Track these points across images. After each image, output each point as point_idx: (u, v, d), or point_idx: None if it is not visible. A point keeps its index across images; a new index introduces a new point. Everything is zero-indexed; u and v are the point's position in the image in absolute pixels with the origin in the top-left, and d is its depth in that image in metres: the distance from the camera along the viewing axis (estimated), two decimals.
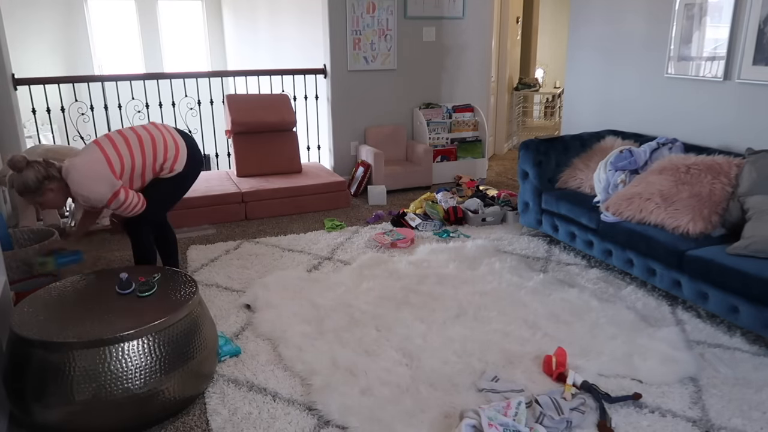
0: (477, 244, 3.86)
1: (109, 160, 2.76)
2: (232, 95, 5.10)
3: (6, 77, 4.42)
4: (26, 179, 2.64)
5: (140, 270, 2.57)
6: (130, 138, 2.87)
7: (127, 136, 2.87)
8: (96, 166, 2.73)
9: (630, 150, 3.61)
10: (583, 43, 4.69)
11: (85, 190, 2.71)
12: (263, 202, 4.64)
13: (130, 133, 2.90)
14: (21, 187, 2.66)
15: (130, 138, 2.87)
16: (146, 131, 2.94)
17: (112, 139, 2.83)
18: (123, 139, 2.85)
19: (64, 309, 2.22)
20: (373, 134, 5.61)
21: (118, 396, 2.00)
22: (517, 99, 7.71)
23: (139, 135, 2.90)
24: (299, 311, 2.99)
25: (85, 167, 2.71)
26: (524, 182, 4.08)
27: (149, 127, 2.99)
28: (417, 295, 3.17)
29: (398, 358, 2.56)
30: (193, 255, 3.85)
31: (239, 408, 2.27)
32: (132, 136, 2.88)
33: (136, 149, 2.85)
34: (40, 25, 7.92)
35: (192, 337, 2.23)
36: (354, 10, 5.27)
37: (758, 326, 2.57)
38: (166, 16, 9.67)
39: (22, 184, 2.65)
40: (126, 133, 2.89)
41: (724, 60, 3.52)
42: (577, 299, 3.11)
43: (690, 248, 2.91)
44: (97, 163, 2.73)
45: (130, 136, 2.88)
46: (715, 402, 2.27)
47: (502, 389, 2.32)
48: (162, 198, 3.06)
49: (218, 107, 7.31)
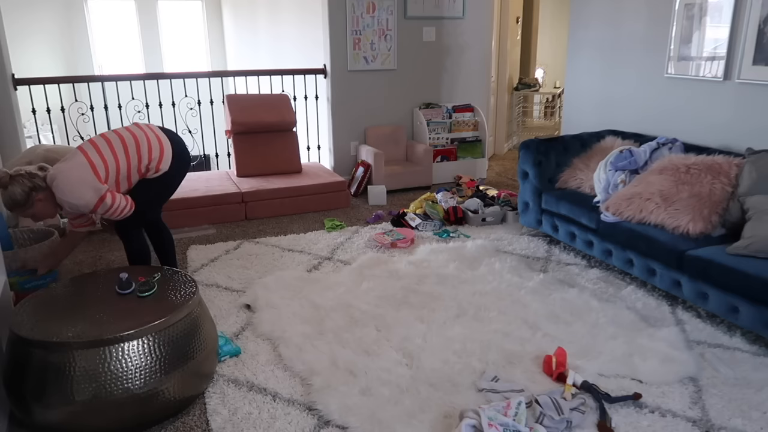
0: (477, 244, 3.86)
1: (92, 164, 2.71)
2: (232, 95, 5.10)
3: (6, 77, 4.42)
4: (13, 194, 2.60)
5: (140, 270, 2.57)
6: (113, 141, 2.82)
7: (110, 139, 2.83)
8: (80, 171, 2.68)
9: (630, 150, 3.61)
10: (583, 42, 4.69)
11: (70, 196, 2.66)
12: (263, 202, 4.64)
13: (113, 135, 2.85)
14: (9, 203, 2.61)
15: (113, 141, 2.82)
16: (129, 132, 2.89)
17: (95, 144, 2.79)
18: (106, 142, 2.81)
19: (64, 309, 2.22)
20: (373, 134, 5.61)
21: (118, 396, 2.00)
22: (517, 99, 7.71)
23: (121, 137, 2.86)
24: (299, 311, 2.99)
25: (69, 173, 2.67)
26: (524, 182, 4.08)
27: (132, 128, 2.94)
28: (417, 295, 3.17)
29: (398, 358, 2.56)
30: (193, 255, 3.85)
31: (239, 408, 2.27)
32: (115, 139, 2.83)
33: (119, 152, 2.81)
34: (40, 25, 7.92)
35: (192, 337, 2.23)
36: (354, 10, 5.27)
37: (758, 326, 2.57)
38: (166, 16, 9.67)
39: (9, 199, 2.61)
40: (109, 136, 2.85)
41: (724, 60, 3.52)
42: (577, 299, 3.11)
43: (690, 248, 2.91)
44: (80, 168, 2.69)
45: (113, 139, 2.83)
46: (715, 402, 2.27)
47: (502, 389, 2.32)
48: (150, 199, 3.03)
49: (218, 107, 7.32)
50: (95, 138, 2.84)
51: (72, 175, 2.66)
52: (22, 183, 2.61)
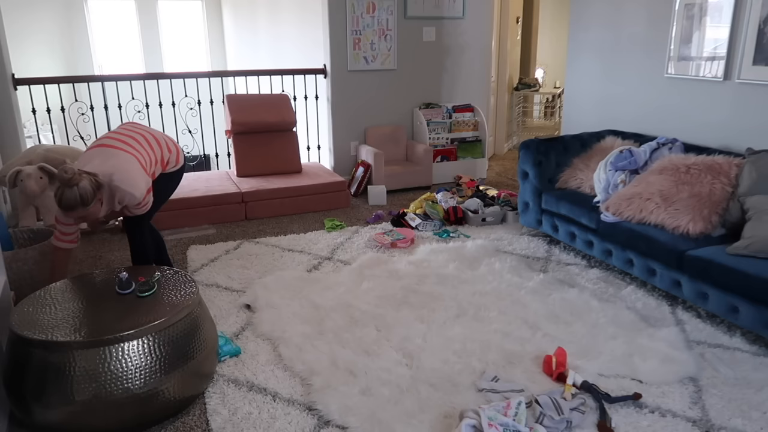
0: (477, 244, 3.86)
1: (137, 158, 2.74)
2: (232, 95, 5.10)
3: (6, 77, 4.42)
4: (84, 191, 2.46)
5: (140, 270, 2.57)
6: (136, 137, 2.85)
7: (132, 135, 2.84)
8: (132, 164, 2.68)
9: (630, 150, 3.61)
10: (584, 44, 4.69)
11: (133, 188, 2.63)
12: (263, 202, 4.64)
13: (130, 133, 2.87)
14: (74, 201, 2.45)
15: (135, 137, 2.85)
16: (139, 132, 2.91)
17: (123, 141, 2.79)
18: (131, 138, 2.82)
19: (64, 309, 2.22)
20: (373, 134, 5.61)
21: (118, 396, 2.00)
22: (517, 99, 7.71)
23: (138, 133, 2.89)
24: (299, 311, 2.99)
25: (125, 167, 2.65)
26: (524, 182, 4.08)
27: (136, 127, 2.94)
28: (417, 295, 3.17)
29: (398, 358, 2.56)
30: (193, 255, 3.85)
31: (239, 408, 2.27)
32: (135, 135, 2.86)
33: (146, 146, 2.85)
34: (40, 25, 7.92)
35: (192, 337, 2.23)
36: (354, 10, 5.27)
37: (758, 326, 2.57)
38: (166, 16, 9.67)
39: (76, 197, 2.45)
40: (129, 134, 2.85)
41: (724, 60, 3.52)
42: (577, 299, 3.11)
43: (690, 248, 2.91)
44: (130, 162, 2.69)
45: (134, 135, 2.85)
46: (715, 402, 2.27)
47: (502, 389, 2.32)
48: (164, 192, 3.07)
49: (218, 107, 7.32)
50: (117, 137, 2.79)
51: (129, 168, 2.66)
52: (91, 180, 2.50)
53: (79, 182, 2.45)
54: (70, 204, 2.46)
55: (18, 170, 3.75)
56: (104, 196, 2.63)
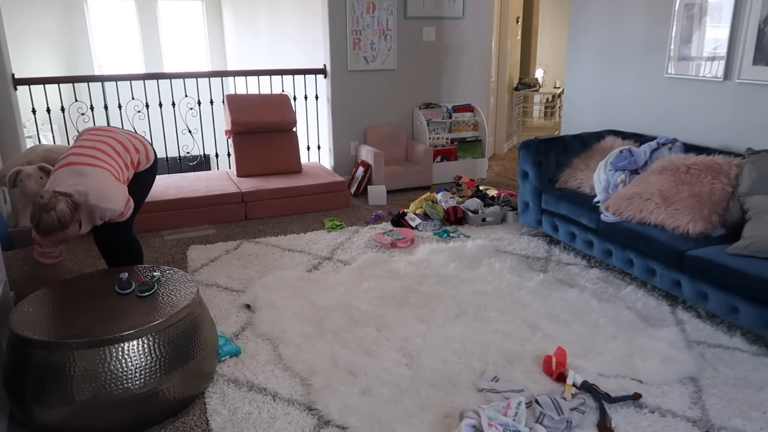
0: (477, 244, 3.86)
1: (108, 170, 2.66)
2: (232, 95, 5.10)
3: (6, 77, 4.42)
4: (62, 215, 2.39)
5: (140, 270, 2.57)
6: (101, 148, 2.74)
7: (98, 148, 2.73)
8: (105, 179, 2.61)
9: (630, 150, 3.61)
10: (584, 45, 4.69)
11: (110, 203, 2.58)
12: (263, 202, 4.64)
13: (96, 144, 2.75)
14: (52, 225, 2.38)
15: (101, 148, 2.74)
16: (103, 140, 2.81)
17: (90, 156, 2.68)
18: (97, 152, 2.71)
19: (64, 309, 2.22)
20: (373, 134, 5.61)
21: (118, 396, 2.00)
22: (517, 99, 7.71)
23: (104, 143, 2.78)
24: (299, 311, 2.99)
25: (99, 184, 2.58)
26: (524, 182, 4.08)
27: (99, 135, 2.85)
28: (417, 295, 3.17)
29: (398, 358, 2.56)
30: (193, 255, 3.85)
31: (239, 408, 2.27)
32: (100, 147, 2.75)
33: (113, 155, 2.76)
34: (40, 25, 7.92)
35: (192, 337, 2.23)
36: (354, 10, 5.27)
37: (758, 326, 2.57)
38: (166, 16, 9.67)
39: (54, 221, 2.38)
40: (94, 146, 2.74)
41: (724, 60, 3.52)
42: (577, 299, 3.11)
43: (690, 248, 2.91)
44: (103, 176, 2.62)
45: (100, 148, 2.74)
46: (715, 402, 2.27)
47: (502, 389, 2.32)
48: (141, 192, 3.02)
49: (218, 107, 7.31)
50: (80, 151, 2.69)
51: (102, 185, 2.58)
52: (67, 202, 2.41)
53: (56, 206, 2.37)
54: (48, 229, 2.39)
55: (18, 170, 3.75)
56: (82, 216, 2.57)
